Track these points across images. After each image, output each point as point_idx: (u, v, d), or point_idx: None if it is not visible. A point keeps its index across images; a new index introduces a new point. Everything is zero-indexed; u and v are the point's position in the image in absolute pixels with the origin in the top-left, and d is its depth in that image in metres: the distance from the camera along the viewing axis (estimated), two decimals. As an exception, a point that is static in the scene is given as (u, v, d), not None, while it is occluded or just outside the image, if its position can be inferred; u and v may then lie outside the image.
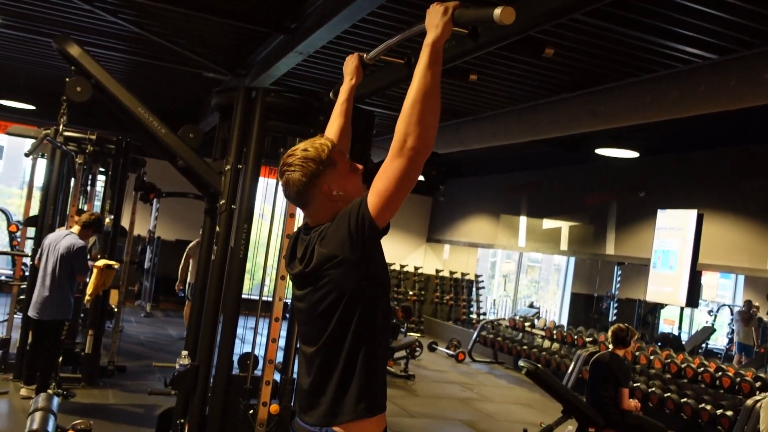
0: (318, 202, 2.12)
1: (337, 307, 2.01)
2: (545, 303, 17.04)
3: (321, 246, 2.03)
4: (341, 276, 2.00)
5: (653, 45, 5.83)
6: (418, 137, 1.86)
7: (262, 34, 7.16)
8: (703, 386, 7.52)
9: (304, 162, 2.09)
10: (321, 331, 2.06)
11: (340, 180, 2.12)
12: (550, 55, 2.70)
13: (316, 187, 2.09)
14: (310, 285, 2.08)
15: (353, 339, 2.02)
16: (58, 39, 4.20)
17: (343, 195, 2.10)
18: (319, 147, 2.11)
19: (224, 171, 4.10)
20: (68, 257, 5.82)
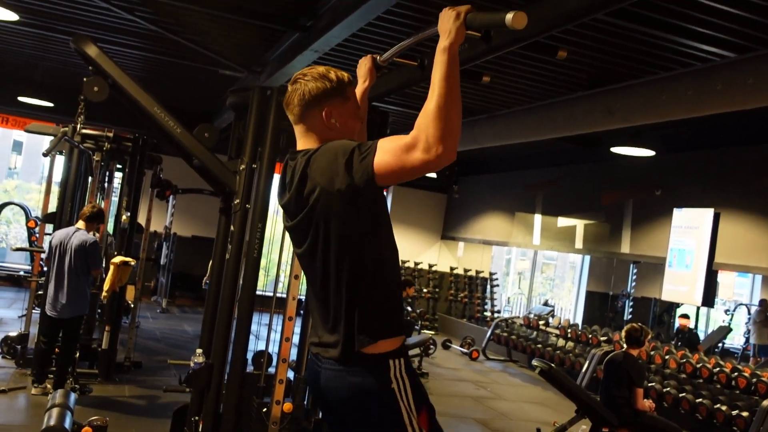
0: (313, 122, 2.12)
1: (329, 237, 2.02)
2: (560, 301, 17.01)
3: (310, 172, 2.02)
4: (328, 207, 2.00)
5: (670, 43, 5.79)
6: (448, 144, 1.85)
7: (277, 31, 7.19)
8: (718, 386, 7.47)
9: (322, 78, 2.12)
10: (322, 266, 2.08)
11: (344, 114, 2.14)
12: (563, 58, 2.69)
13: (320, 106, 2.11)
14: (300, 216, 2.08)
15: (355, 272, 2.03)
16: (76, 39, 4.23)
17: (339, 127, 2.12)
18: (340, 74, 2.15)
19: (239, 170, 4.13)
20: (82, 253, 5.89)
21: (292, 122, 2.20)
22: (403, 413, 2.02)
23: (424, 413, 2.08)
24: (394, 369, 2.04)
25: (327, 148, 2.02)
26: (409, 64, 2.72)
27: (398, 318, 2.12)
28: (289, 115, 2.19)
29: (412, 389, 2.06)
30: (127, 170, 7.37)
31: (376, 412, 2.05)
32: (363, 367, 2.04)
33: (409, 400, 2.04)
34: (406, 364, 2.08)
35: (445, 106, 1.87)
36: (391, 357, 2.05)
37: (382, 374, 2.03)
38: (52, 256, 5.97)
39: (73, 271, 5.87)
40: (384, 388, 2.02)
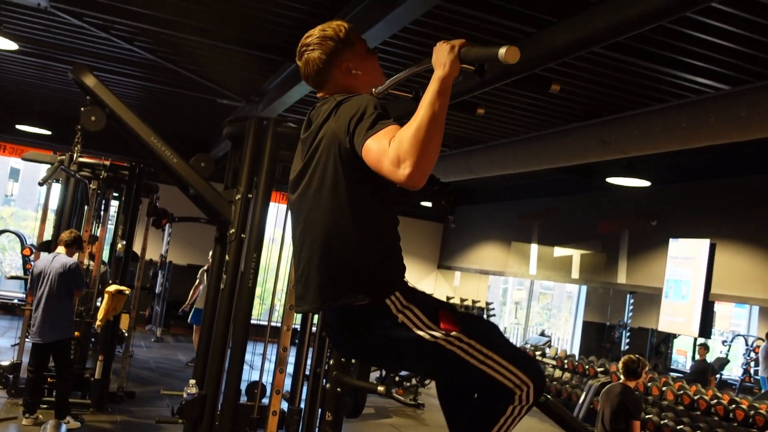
0: (335, 80, 2.14)
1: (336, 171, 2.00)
2: (557, 331, 16.93)
3: (334, 117, 2.02)
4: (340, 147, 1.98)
5: (664, 75, 5.85)
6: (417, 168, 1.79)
7: (275, 61, 7.24)
8: (716, 419, 7.41)
9: (323, 41, 2.12)
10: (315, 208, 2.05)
11: (358, 59, 2.15)
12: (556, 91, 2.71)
13: (335, 65, 2.12)
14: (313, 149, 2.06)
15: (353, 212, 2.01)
16: (74, 69, 4.26)
17: (360, 74, 2.14)
18: (337, 27, 2.15)
19: (234, 200, 4.13)
20: (64, 275, 5.87)
21: (317, 90, 2.21)
22: (425, 337, 1.99)
23: (443, 319, 2.03)
24: (395, 305, 2.01)
25: (357, 99, 2.00)
26: (404, 95, 2.73)
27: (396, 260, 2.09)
28: (311, 86, 2.22)
29: (420, 310, 2.02)
30: (123, 198, 7.37)
31: (404, 350, 2.05)
32: (363, 317, 2.02)
33: (424, 322, 2.01)
34: (404, 294, 2.03)
35: (425, 130, 1.81)
36: (385, 297, 2.01)
37: (386, 316, 2.00)
38: (35, 286, 5.94)
39: (54, 295, 5.84)
40: (395, 327, 2.00)
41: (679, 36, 5.06)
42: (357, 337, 2.10)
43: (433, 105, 1.89)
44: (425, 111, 1.88)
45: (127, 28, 6.77)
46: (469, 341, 2.02)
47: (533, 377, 2.09)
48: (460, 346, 2.01)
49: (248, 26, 6.38)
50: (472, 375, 2.04)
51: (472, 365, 2.02)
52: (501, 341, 2.11)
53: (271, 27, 6.27)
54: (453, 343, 2.01)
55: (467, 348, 2.02)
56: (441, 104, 1.90)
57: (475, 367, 2.02)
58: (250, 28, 6.41)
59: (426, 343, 2.00)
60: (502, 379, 2.05)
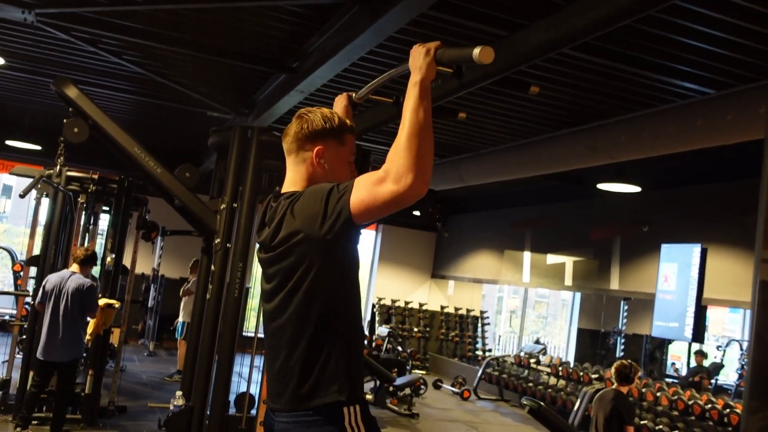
0: (303, 156, 2.13)
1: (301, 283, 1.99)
2: (553, 339, 16.90)
3: (291, 215, 2.00)
4: (307, 252, 1.97)
5: (650, 80, 5.87)
6: (418, 174, 1.83)
7: (264, 73, 7.25)
8: (711, 423, 7.39)
9: (325, 118, 2.13)
10: (286, 308, 2.03)
11: (336, 159, 2.14)
12: (535, 93, 2.72)
13: (315, 144, 2.11)
14: (275, 254, 2.05)
15: (320, 319, 1.99)
16: (56, 81, 4.26)
17: (327, 170, 2.12)
18: (344, 121, 2.17)
19: (220, 210, 4.11)
20: (79, 296, 5.86)
21: (285, 152, 2.20)
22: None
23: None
24: (349, 417, 1.98)
25: (310, 192, 2.01)
26: (384, 101, 2.73)
27: (360, 371, 2.08)
28: (283, 143, 2.20)
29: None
30: (112, 212, 7.34)
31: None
32: (316, 416, 1.98)
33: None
34: (362, 411, 2.02)
35: (415, 137, 1.86)
36: (345, 405, 1.99)
37: (337, 424, 1.97)
38: (46, 301, 5.89)
39: (69, 315, 5.83)
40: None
41: (664, 41, 5.08)
42: None
43: (417, 111, 1.90)
44: (410, 119, 1.90)
45: (115, 41, 6.76)
46: None
47: None
48: None
49: (237, 39, 6.39)
50: None
51: None
52: None
53: (260, 39, 6.28)
54: None
55: None
56: (424, 108, 1.92)
57: None
58: (238, 40, 6.42)
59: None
60: None
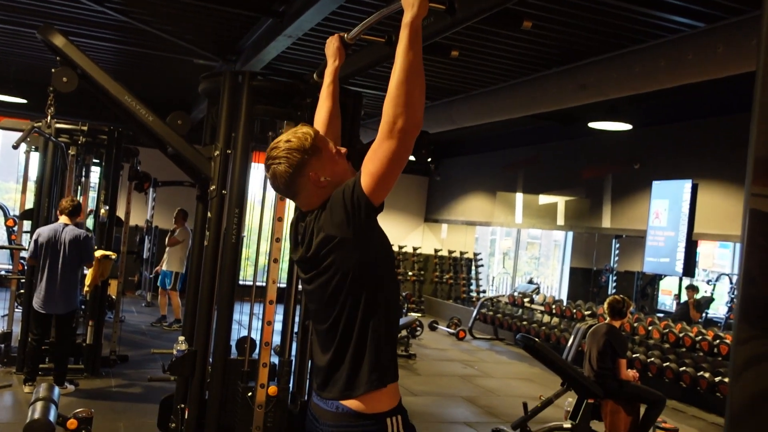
0: (307, 190, 2.15)
1: (342, 286, 2.06)
2: (545, 279, 17.09)
3: (318, 229, 2.07)
4: (343, 256, 2.04)
5: (640, 15, 5.82)
6: (407, 118, 1.89)
7: (250, 18, 7.13)
8: (701, 354, 7.58)
9: (289, 153, 2.12)
10: (330, 311, 2.11)
11: (327, 166, 2.15)
12: (528, 28, 2.70)
13: (303, 176, 2.12)
14: (314, 269, 2.12)
15: (363, 316, 2.07)
16: (41, 30, 4.19)
17: (331, 180, 2.13)
18: (302, 136, 2.14)
19: (213, 156, 4.11)
20: (77, 247, 5.93)
21: (291, 200, 2.26)
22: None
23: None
24: (392, 427, 2.07)
25: (332, 201, 2.07)
26: (377, 41, 2.72)
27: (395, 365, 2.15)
28: (284, 196, 2.28)
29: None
30: (103, 164, 7.31)
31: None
32: (361, 425, 2.07)
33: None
34: (404, 421, 2.11)
35: (406, 80, 1.90)
36: (388, 416, 2.08)
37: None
38: (40, 254, 5.92)
39: (67, 266, 5.92)
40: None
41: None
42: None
43: (407, 54, 1.92)
44: (401, 62, 1.92)
45: (97, -12, 6.64)
46: None
47: None
48: None
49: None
50: None
51: None
52: None
53: (243, -18, 6.17)
54: None
55: None
56: (415, 51, 1.93)
57: None
58: (221, -17, 6.31)
59: None
60: None
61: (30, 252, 6.00)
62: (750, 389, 1.35)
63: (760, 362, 1.33)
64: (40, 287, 5.93)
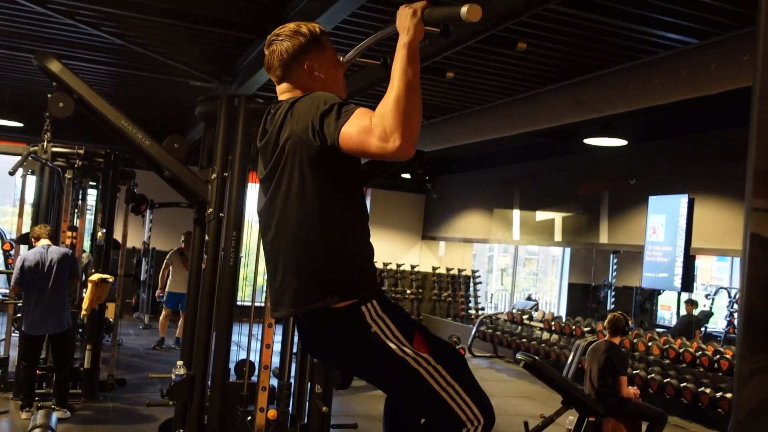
0: (296, 78, 2.15)
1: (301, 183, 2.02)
2: (544, 295, 17.07)
3: (291, 116, 2.03)
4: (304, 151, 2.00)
5: (633, 32, 5.87)
6: (406, 137, 1.83)
7: (245, 40, 7.17)
8: (701, 370, 7.55)
9: (294, 34, 2.14)
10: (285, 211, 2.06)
11: (324, 64, 2.16)
12: (523, 49, 2.72)
13: (300, 62, 2.13)
14: (275, 161, 2.08)
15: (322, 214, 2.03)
16: (37, 56, 4.20)
17: (322, 78, 2.14)
18: (312, 27, 2.17)
19: (210, 180, 4.11)
20: (66, 264, 5.96)
21: (276, 83, 2.21)
22: (394, 350, 2.02)
23: (416, 338, 2.07)
24: (369, 313, 2.03)
25: (311, 96, 2.03)
26: (372, 63, 2.72)
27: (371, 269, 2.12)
28: (272, 77, 2.22)
29: (394, 323, 2.04)
30: (100, 186, 7.31)
31: (371, 358, 2.07)
32: (337, 321, 2.04)
33: (396, 335, 2.03)
34: (380, 303, 2.06)
35: (404, 99, 1.86)
36: (361, 304, 2.03)
37: (360, 323, 2.02)
38: (27, 278, 5.88)
39: (56, 285, 5.91)
40: (367, 335, 2.02)
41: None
42: (328, 341, 2.12)
43: (406, 73, 1.91)
44: (399, 80, 1.90)
45: (92, 12, 6.66)
46: (437, 366, 2.05)
47: (486, 415, 2.11)
48: (426, 368, 2.04)
49: (216, 5, 6.31)
50: (430, 399, 2.06)
51: (433, 389, 2.04)
52: (466, 374, 2.13)
53: (240, 5, 6.20)
54: (420, 364, 2.03)
55: (433, 372, 2.04)
56: (413, 70, 1.92)
57: (435, 392, 2.04)
58: (217, 6, 6.34)
59: (394, 357, 2.02)
60: (458, 410, 2.07)
61: (15, 279, 5.90)
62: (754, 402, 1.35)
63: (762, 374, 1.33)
64: (30, 310, 5.89)
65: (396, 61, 1.94)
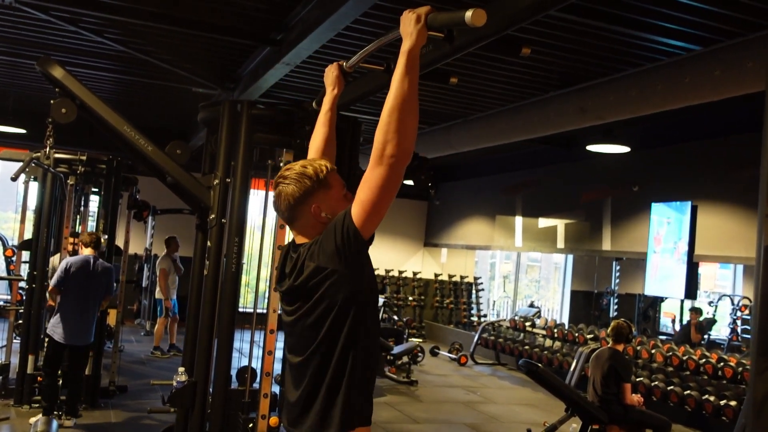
0: (305, 219, 2.15)
1: (327, 317, 2.03)
2: (546, 302, 17.02)
3: (310, 260, 2.05)
4: (332, 287, 2.01)
5: (637, 39, 5.86)
6: (396, 145, 1.88)
7: (248, 47, 7.17)
8: (705, 377, 7.51)
9: (300, 177, 2.13)
10: (309, 343, 2.08)
11: (331, 203, 2.15)
12: (527, 54, 2.70)
13: (306, 204, 2.12)
14: (300, 299, 2.10)
15: (340, 353, 2.04)
16: (40, 61, 4.20)
17: (330, 218, 2.12)
18: (318, 167, 2.16)
19: (213, 186, 4.10)
20: (109, 279, 5.99)
21: (286, 222, 2.24)
22: None
23: None
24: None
25: (324, 233, 2.06)
26: (376, 68, 2.71)
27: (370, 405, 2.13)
28: (280, 218, 2.24)
29: None
30: (102, 193, 7.30)
31: None
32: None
33: None
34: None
35: (399, 107, 1.89)
36: None
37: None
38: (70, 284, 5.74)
39: (95, 297, 5.93)
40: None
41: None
42: None
43: (403, 82, 1.92)
44: (396, 88, 1.92)
45: (95, 19, 6.66)
46: None
47: None
48: None
49: (218, 12, 6.30)
50: None
51: None
52: None
53: (242, 12, 6.20)
54: None
55: None
56: (411, 79, 1.93)
57: None
58: (220, 13, 6.33)
59: None
60: None
61: (57, 281, 5.72)
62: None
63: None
64: (66, 319, 5.75)
65: (396, 69, 1.95)
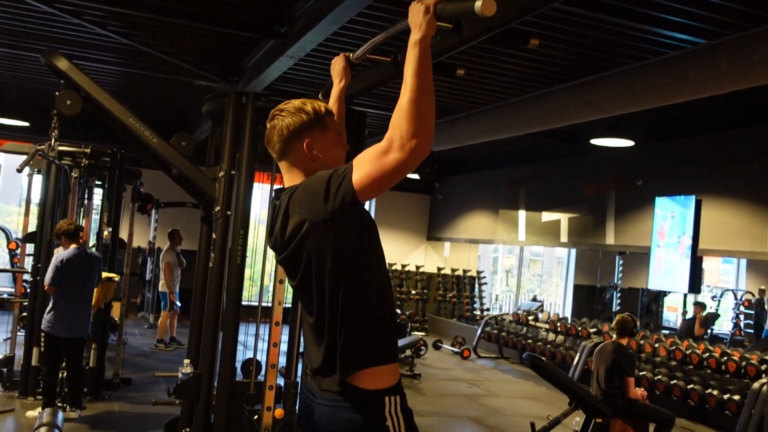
0: (295, 156, 2.12)
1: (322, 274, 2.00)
2: (549, 296, 17.03)
3: (292, 210, 2.02)
4: (316, 242, 1.98)
5: (642, 32, 5.84)
6: (421, 137, 1.84)
7: (252, 39, 7.16)
8: (709, 372, 7.51)
9: (298, 111, 2.11)
10: (315, 296, 2.05)
11: (326, 144, 2.13)
12: (535, 46, 2.69)
13: (300, 139, 2.09)
14: (289, 252, 2.07)
15: (346, 305, 2.01)
16: (45, 53, 4.19)
17: (322, 158, 2.10)
18: (317, 105, 2.14)
19: (218, 177, 4.10)
20: (99, 269, 6.01)
21: (276, 160, 2.19)
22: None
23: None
24: (390, 406, 2.03)
25: (307, 182, 2.02)
26: (383, 60, 2.71)
27: (393, 340, 2.11)
28: (271, 152, 2.19)
29: (406, 427, 2.05)
30: (106, 186, 7.30)
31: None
32: (358, 402, 2.02)
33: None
34: (402, 402, 2.06)
35: (418, 99, 1.85)
36: (387, 394, 2.03)
37: (378, 411, 2.02)
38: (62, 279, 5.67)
39: (90, 289, 5.94)
40: (378, 425, 2.01)
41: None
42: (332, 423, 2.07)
43: (419, 73, 1.89)
44: (412, 81, 1.88)
45: (99, 12, 6.66)
46: None
47: None
48: None
49: (222, 4, 6.30)
50: None
51: None
52: None
53: (246, 4, 6.19)
54: None
55: None
56: (425, 69, 1.90)
57: None
58: (223, 6, 6.33)
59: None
60: None
61: (52, 278, 5.65)
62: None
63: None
64: (64, 313, 5.72)
65: (408, 61, 1.92)
